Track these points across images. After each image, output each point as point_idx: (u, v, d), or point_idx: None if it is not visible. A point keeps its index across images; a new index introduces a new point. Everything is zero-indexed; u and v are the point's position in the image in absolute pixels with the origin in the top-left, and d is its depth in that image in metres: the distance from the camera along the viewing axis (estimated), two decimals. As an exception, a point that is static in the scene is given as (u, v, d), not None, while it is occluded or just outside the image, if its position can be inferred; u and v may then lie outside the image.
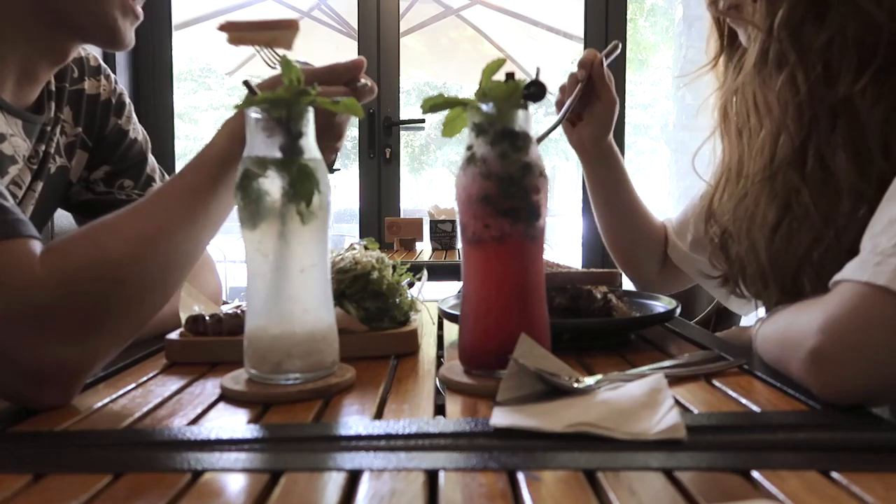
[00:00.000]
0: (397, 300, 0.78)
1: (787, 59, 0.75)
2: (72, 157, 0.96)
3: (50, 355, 0.59)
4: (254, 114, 0.60)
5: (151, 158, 1.05)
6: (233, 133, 0.69)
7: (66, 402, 0.61)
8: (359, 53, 2.81)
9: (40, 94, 0.90)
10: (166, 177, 1.06)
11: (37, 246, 0.63)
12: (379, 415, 0.57)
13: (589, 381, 0.59)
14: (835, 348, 0.55)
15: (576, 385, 0.58)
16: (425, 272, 0.89)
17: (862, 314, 0.54)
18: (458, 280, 0.70)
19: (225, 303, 0.96)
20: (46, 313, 0.59)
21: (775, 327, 0.68)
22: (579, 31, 2.86)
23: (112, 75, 1.01)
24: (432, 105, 0.63)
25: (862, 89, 0.71)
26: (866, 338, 0.54)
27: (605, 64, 1.06)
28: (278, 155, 0.60)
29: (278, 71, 0.66)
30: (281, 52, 0.82)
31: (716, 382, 0.63)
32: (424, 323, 0.86)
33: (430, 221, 2.46)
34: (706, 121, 0.95)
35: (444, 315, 0.85)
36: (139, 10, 0.86)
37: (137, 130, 1.03)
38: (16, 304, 0.59)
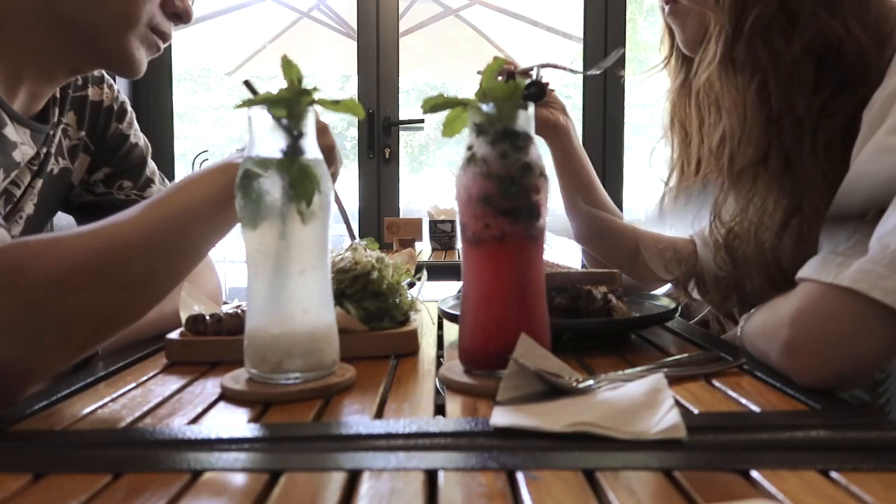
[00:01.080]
0: (397, 300, 0.78)
1: (758, 64, 0.76)
2: (74, 160, 0.97)
3: None
4: (254, 113, 0.60)
5: (151, 163, 1.06)
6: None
7: (9, 404, 0.59)
8: (358, 53, 2.81)
9: (45, 102, 0.91)
10: (165, 181, 1.08)
11: (1, 235, 0.63)
12: (379, 414, 0.57)
13: (589, 381, 0.59)
14: (803, 340, 0.61)
15: (576, 385, 0.58)
16: (425, 272, 0.89)
17: (825, 308, 0.60)
18: (458, 280, 0.70)
19: (225, 303, 0.96)
20: None
21: (755, 322, 0.73)
22: (579, 31, 2.86)
23: (115, 85, 1.03)
24: (432, 105, 0.63)
25: (823, 102, 0.74)
26: (829, 329, 0.60)
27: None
28: (279, 155, 0.60)
29: None
30: None
31: (716, 382, 0.63)
32: (424, 323, 0.86)
33: (430, 221, 2.46)
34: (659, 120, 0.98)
35: (444, 315, 0.86)
36: (161, 45, 0.88)
37: (139, 136, 1.05)
38: None
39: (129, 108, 1.04)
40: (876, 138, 0.65)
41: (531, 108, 0.62)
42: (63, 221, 1.11)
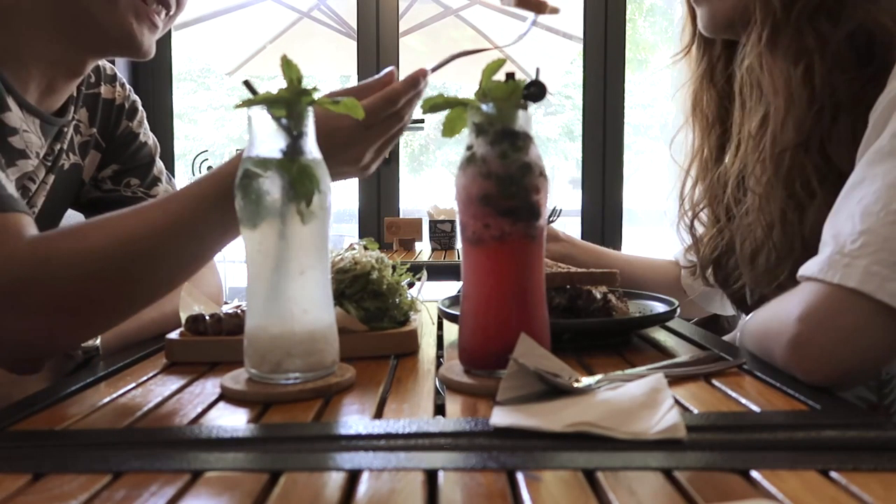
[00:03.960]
0: (397, 300, 0.78)
1: (805, 48, 0.77)
2: (85, 156, 0.98)
3: (19, 328, 0.65)
4: (254, 113, 0.60)
5: (159, 162, 1.07)
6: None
7: (31, 373, 0.68)
8: (358, 54, 2.81)
9: (66, 99, 0.93)
10: (172, 180, 1.09)
11: (27, 222, 0.68)
12: (379, 414, 0.57)
13: (589, 381, 0.59)
14: (811, 336, 0.61)
15: (576, 385, 0.58)
16: (425, 272, 0.89)
17: (833, 308, 0.61)
18: (458, 280, 0.69)
19: (225, 303, 0.96)
20: (20, 288, 0.64)
21: (757, 321, 0.73)
22: (579, 31, 2.86)
23: (127, 84, 1.05)
24: (432, 105, 0.63)
25: (862, 87, 0.75)
26: (837, 326, 0.60)
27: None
28: (279, 155, 0.60)
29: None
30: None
31: (716, 382, 0.63)
32: (424, 323, 0.86)
33: (430, 221, 2.46)
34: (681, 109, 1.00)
35: (443, 315, 0.85)
36: (156, 19, 0.88)
37: (148, 135, 1.07)
38: None
39: (140, 108, 1.06)
40: (881, 141, 0.65)
41: (531, 108, 0.62)
42: (70, 220, 1.12)
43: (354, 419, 0.55)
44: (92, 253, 0.66)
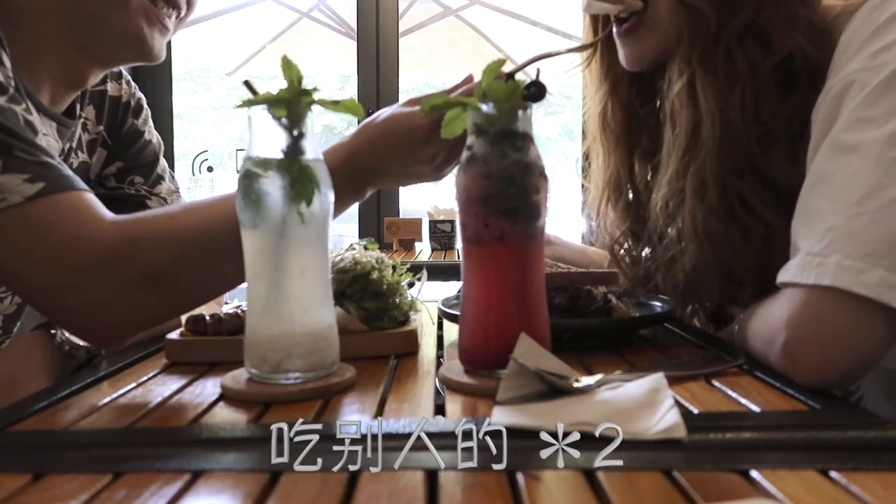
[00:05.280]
0: (397, 300, 0.78)
1: (737, 74, 0.77)
2: (93, 154, 0.99)
3: (104, 303, 0.66)
4: (254, 114, 0.60)
5: (163, 161, 1.08)
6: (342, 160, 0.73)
7: (116, 347, 0.72)
8: (358, 54, 2.81)
9: (73, 100, 0.93)
10: (175, 180, 1.09)
11: (97, 200, 0.69)
12: (379, 414, 0.57)
13: (589, 381, 0.59)
14: (801, 342, 0.61)
15: (576, 385, 0.58)
16: (425, 272, 0.89)
17: (816, 309, 0.61)
18: (458, 280, 0.69)
19: (225, 303, 0.96)
20: (109, 264, 0.66)
21: (751, 328, 0.73)
22: (579, 31, 2.86)
23: (132, 82, 1.05)
24: (432, 105, 0.63)
25: (792, 109, 0.76)
26: (823, 329, 0.60)
27: None
28: (279, 155, 0.60)
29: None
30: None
31: (716, 382, 0.63)
32: (424, 323, 0.86)
33: (430, 221, 2.46)
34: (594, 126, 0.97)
35: (443, 315, 0.85)
36: (167, 21, 0.88)
37: (153, 133, 1.07)
38: (81, 252, 0.65)
39: (145, 105, 1.06)
40: (831, 138, 0.65)
41: (531, 108, 0.62)
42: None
43: (354, 419, 0.55)
44: (181, 234, 0.69)
